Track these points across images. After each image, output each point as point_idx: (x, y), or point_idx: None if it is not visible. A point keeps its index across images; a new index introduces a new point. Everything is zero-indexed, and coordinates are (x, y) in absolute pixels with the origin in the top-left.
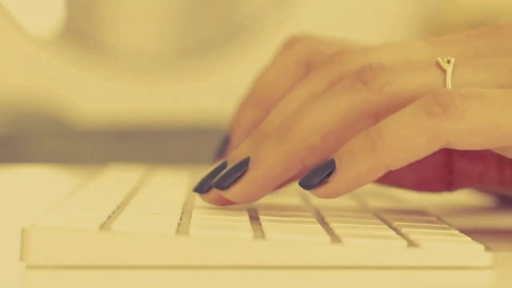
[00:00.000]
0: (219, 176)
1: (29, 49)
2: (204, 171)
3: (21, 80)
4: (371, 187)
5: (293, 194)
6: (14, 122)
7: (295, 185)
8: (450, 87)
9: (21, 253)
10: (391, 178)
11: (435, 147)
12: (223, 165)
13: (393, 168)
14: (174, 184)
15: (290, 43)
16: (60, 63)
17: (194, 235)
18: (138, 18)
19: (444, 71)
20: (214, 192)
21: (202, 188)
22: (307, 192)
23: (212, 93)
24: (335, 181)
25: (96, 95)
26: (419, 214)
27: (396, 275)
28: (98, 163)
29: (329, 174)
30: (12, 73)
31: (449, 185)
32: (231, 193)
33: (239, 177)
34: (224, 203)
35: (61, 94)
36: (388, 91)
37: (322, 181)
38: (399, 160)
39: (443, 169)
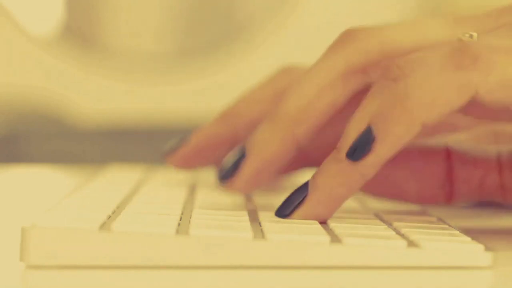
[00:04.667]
0: (221, 168)
1: (29, 49)
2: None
3: (21, 80)
4: None
5: None
6: (14, 122)
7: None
8: None
9: (21, 253)
10: (393, 191)
11: (465, 100)
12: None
13: (429, 124)
14: (174, 184)
15: (278, 73)
16: (60, 63)
17: (194, 235)
18: (138, 18)
19: None
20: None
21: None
22: None
23: (212, 93)
24: (377, 150)
25: (96, 95)
26: (419, 214)
27: (396, 275)
28: (98, 163)
29: (370, 146)
30: (12, 73)
31: (450, 196)
32: (235, 185)
33: (238, 167)
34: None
35: (61, 94)
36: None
37: (362, 155)
38: (432, 115)
39: (444, 178)
